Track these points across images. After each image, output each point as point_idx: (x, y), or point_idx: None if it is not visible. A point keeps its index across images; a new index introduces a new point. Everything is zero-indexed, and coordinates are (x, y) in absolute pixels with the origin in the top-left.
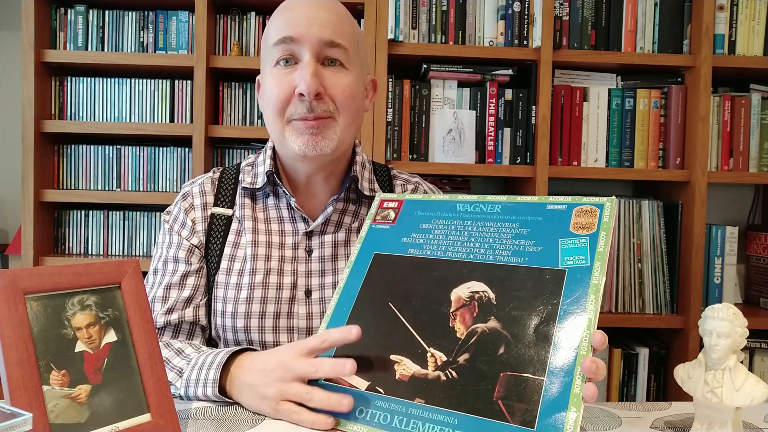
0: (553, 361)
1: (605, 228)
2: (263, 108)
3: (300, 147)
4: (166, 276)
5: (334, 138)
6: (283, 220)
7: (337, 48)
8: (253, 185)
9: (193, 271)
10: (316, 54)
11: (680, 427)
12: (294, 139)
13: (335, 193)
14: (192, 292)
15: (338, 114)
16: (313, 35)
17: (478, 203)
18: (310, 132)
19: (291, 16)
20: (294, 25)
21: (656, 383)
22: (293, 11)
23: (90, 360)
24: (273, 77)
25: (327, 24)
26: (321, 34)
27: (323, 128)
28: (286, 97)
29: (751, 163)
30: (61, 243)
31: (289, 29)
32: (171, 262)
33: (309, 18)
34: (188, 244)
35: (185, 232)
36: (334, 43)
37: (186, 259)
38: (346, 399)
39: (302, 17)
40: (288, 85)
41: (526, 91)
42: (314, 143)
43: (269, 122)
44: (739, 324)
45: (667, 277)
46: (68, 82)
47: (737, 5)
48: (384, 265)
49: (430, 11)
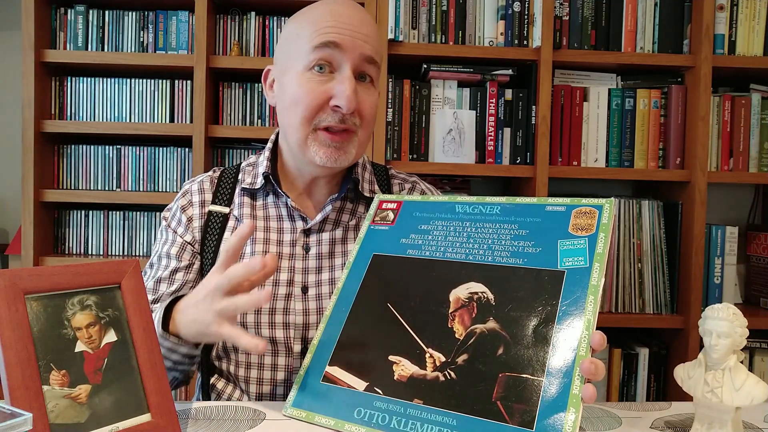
0: (552, 361)
1: (604, 229)
2: (283, 108)
3: (321, 158)
4: (159, 270)
5: (353, 152)
6: (281, 218)
7: (373, 65)
8: (252, 185)
9: (182, 267)
10: (356, 67)
11: (680, 427)
12: (317, 149)
13: (334, 193)
14: (178, 286)
15: (360, 129)
16: (357, 48)
17: (477, 204)
18: (335, 145)
19: (336, 23)
20: (339, 33)
21: (656, 383)
22: (337, 17)
23: (90, 360)
24: (306, 81)
25: (369, 40)
26: (364, 49)
27: (346, 143)
28: (318, 104)
29: (751, 163)
30: (61, 243)
31: (333, 35)
32: (164, 258)
33: (354, 29)
34: (181, 241)
35: (180, 229)
36: (372, 60)
37: (177, 255)
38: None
39: (347, 27)
40: (322, 93)
41: (526, 91)
42: (336, 156)
43: (291, 125)
44: (739, 324)
45: (667, 277)
46: (68, 82)
47: (737, 5)
48: (383, 266)
49: (430, 11)
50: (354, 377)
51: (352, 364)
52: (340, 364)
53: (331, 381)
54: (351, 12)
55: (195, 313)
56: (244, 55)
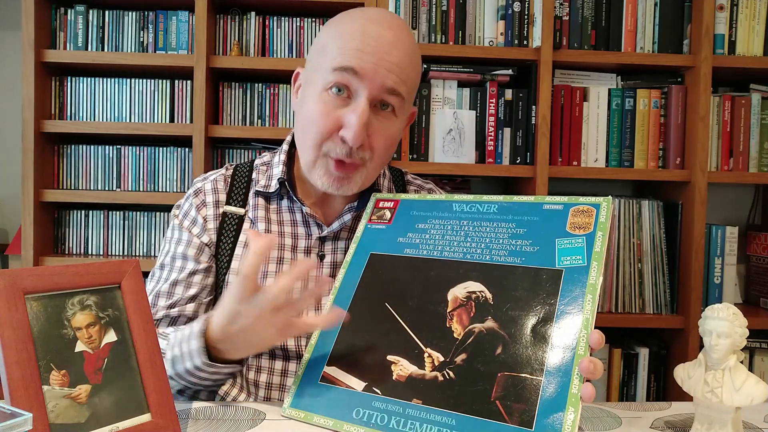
0: (550, 361)
1: (602, 228)
2: (300, 120)
3: (324, 185)
4: (173, 272)
5: (359, 182)
6: (296, 224)
7: (396, 96)
8: (266, 188)
9: (201, 270)
10: (373, 98)
11: (680, 427)
12: (321, 174)
13: (352, 201)
14: (198, 290)
15: (371, 161)
16: (378, 78)
17: (475, 203)
18: (339, 175)
19: (361, 46)
20: (361, 57)
21: (656, 383)
22: (366, 40)
23: (90, 360)
24: (321, 102)
25: (395, 69)
26: (385, 79)
27: (352, 174)
28: (328, 130)
29: (751, 163)
30: (61, 243)
31: (354, 60)
32: (179, 259)
33: (380, 57)
34: (198, 242)
35: (196, 229)
36: (395, 91)
37: (195, 257)
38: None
39: (373, 52)
40: (335, 119)
41: (526, 91)
42: (338, 185)
43: (303, 144)
44: (739, 324)
45: (667, 277)
46: (68, 82)
47: (737, 5)
48: (380, 265)
49: (430, 11)
50: (352, 377)
51: (351, 364)
52: (339, 365)
53: (330, 381)
54: (382, 33)
55: (246, 338)
56: (244, 55)
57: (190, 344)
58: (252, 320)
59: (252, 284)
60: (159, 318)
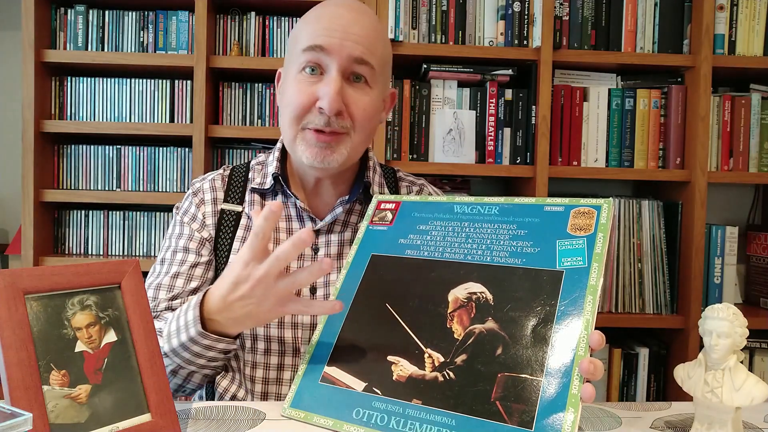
0: (550, 361)
1: (603, 229)
2: (281, 108)
3: (308, 158)
4: (174, 265)
5: (344, 153)
6: (290, 219)
7: (366, 66)
8: (261, 185)
9: (203, 263)
10: (343, 69)
11: (680, 427)
12: (304, 149)
13: (344, 195)
14: (199, 283)
15: (353, 131)
16: (345, 50)
17: (476, 205)
18: (321, 145)
19: (326, 25)
20: (327, 35)
21: (656, 383)
22: (330, 20)
23: (90, 360)
24: (296, 83)
25: (361, 41)
26: (352, 50)
27: (335, 144)
28: (306, 105)
29: (751, 163)
30: (61, 243)
31: (321, 38)
32: (180, 252)
33: (344, 31)
34: (199, 236)
35: (196, 224)
36: (363, 60)
37: (196, 250)
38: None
39: (337, 29)
40: (310, 94)
41: (526, 91)
42: (323, 156)
43: (284, 125)
44: (739, 324)
45: (667, 277)
46: (68, 82)
47: (737, 5)
48: (381, 267)
49: (430, 11)
50: (353, 377)
51: (351, 365)
52: (339, 365)
53: (330, 381)
54: (346, 13)
55: (245, 306)
56: (244, 55)
57: (186, 316)
58: (253, 286)
59: (262, 244)
60: (160, 311)
